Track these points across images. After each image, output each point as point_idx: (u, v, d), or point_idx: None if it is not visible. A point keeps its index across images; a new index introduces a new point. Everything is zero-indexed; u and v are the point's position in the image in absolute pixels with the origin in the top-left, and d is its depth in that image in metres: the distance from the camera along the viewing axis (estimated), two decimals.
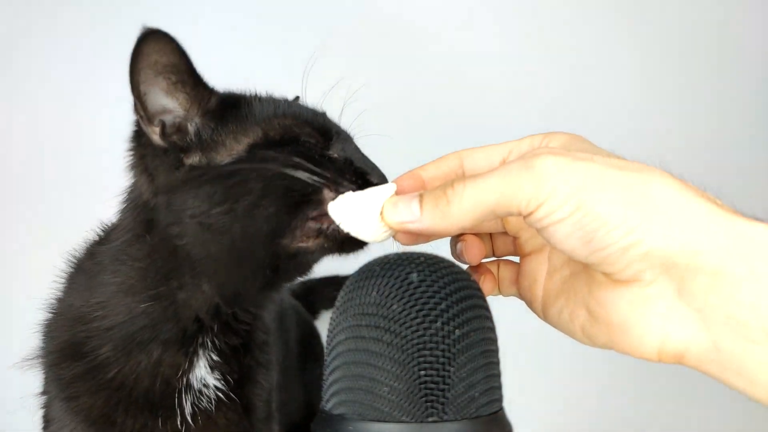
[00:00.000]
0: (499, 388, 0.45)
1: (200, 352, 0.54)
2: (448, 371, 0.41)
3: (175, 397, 0.54)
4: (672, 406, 1.02)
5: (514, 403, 0.49)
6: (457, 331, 0.41)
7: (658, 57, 1.07)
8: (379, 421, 0.41)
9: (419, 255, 0.46)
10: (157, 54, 0.48)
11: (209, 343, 0.54)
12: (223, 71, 0.53)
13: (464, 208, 0.38)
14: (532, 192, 0.35)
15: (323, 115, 0.55)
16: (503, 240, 0.48)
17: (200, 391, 0.55)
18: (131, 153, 0.54)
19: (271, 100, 0.54)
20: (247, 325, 0.57)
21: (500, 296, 0.51)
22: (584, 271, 0.40)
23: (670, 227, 0.34)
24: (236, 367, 0.57)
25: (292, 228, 0.48)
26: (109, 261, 0.55)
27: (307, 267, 0.54)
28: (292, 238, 0.48)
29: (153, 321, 0.53)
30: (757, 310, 0.33)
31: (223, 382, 0.55)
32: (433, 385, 0.40)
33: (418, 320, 0.41)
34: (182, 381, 0.54)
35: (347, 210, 0.44)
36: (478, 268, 0.47)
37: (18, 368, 0.58)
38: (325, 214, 0.47)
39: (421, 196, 0.40)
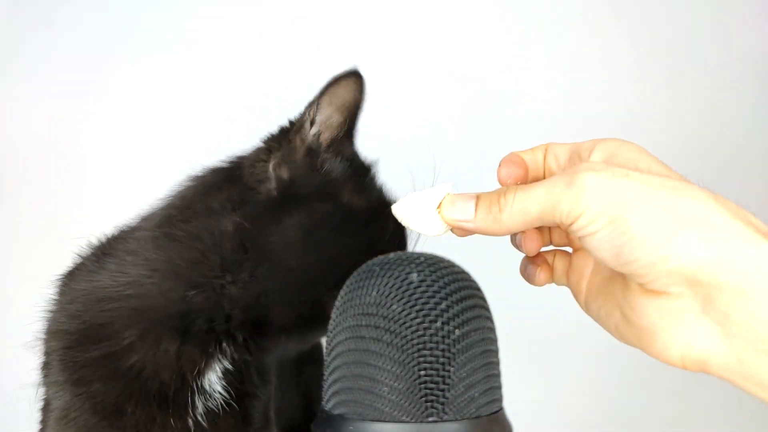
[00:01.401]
0: (499, 388, 0.45)
1: (219, 356, 0.55)
2: (448, 371, 0.41)
3: (188, 395, 0.54)
4: (672, 406, 1.02)
5: (514, 403, 0.49)
6: (457, 331, 0.41)
7: (659, 56, 1.07)
8: (379, 421, 0.41)
9: (419, 255, 0.46)
10: (344, 89, 0.55)
11: (228, 351, 0.55)
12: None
13: (513, 215, 0.41)
14: (570, 206, 0.38)
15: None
16: (559, 232, 0.50)
17: (210, 395, 0.55)
18: (270, 138, 0.58)
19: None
20: (260, 351, 0.57)
21: (501, 293, 0.52)
22: (620, 276, 0.42)
23: (696, 245, 0.35)
24: (241, 380, 0.57)
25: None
26: (152, 241, 0.54)
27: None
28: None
29: (191, 310, 0.53)
30: None
31: (228, 389, 0.56)
32: (433, 385, 0.40)
33: (418, 320, 0.41)
34: (197, 381, 0.54)
35: (409, 208, 0.47)
36: (535, 258, 0.49)
37: (23, 349, 0.58)
38: None
39: (477, 197, 0.43)
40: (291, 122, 0.58)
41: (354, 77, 0.55)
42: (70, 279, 0.59)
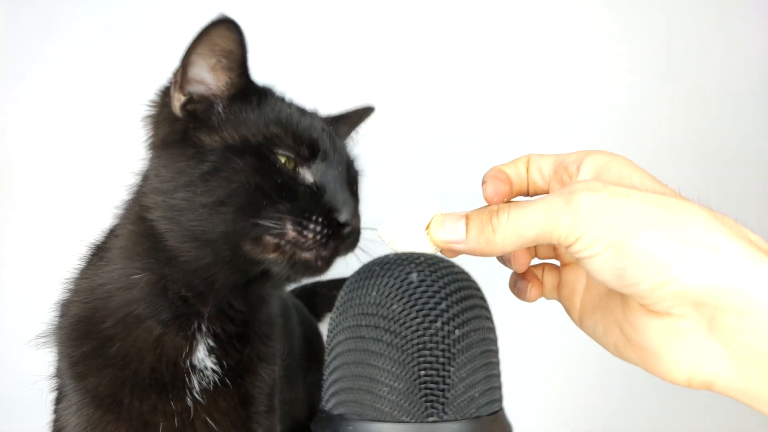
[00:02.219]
0: (499, 388, 0.45)
1: (198, 336, 0.55)
2: (448, 371, 0.41)
3: (184, 377, 0.55)
4: (672, 407, 1.02)
5: (514, 403, 0.49)
6: (457, 331, 0.41)
7: (659, 57, 1.07)
8: (379, 421, 0.41)
9: (419, 255, 0.46)
10: (220, 38, 0.51)
11: (205, 329, 0.55)
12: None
13: (507, 236, 0.40)
14: (569, 228, 0.37)
15: (322, 132, 0.55)
16: (545, 246, 0.49)
17: (203, 372, 0.56)
18: (151, 104, 0.56)
19: (283, 108, 0.55)
20: (243, 315, 0.57)
21: (501, 294, 0.51)
22: (620, 294, 0.41)
23: (700, 267, 0.35)
24: (234, 353, 0.57)
25: (252, 238, 0.49)
26: (117, 224, 0.57)
27: (279, 282, 0.56)
28: (253, 245, 0.49)
29: (146, 294, 0.54)
30: None
31: (219, 366, 0.56)
32: (433, 385, 0.40)
33: (418, 320, 0.41)
34: (186, 362, 0.55)
35: (395, 229, 0.45)
36: (525, 274, 0.48)
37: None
38: (284, 235, 0.48)
39: (467, 217, 0.42)
40: (165, 87, 0.56)
41: (221, 26, 0.51)
42: (72, 279, 0.60)
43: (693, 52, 1.07)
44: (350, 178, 0.57)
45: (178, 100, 0.53)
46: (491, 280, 0.50)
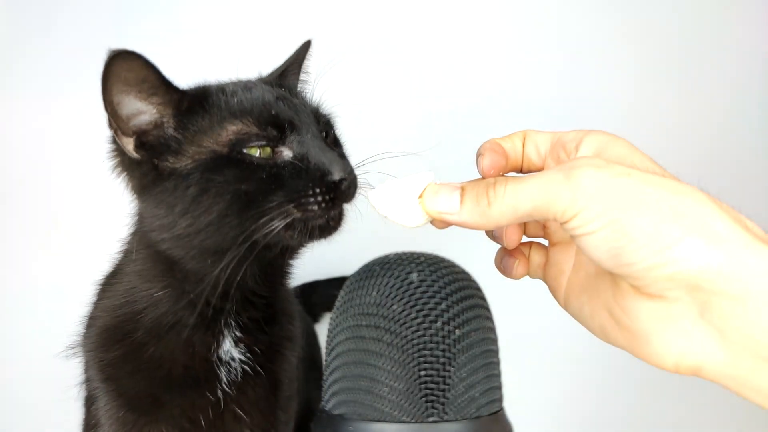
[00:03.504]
0: (499, 388, 0.45)
1: (225, 331, 0.56)
2: (449, 371, 0.41)
3: (215, 371, 0.56)
4: (672, 407, 1.02)
5: (514, 403, 0.49)
6: (457, 331, 0.41)
7: (659, 56, 1.07)
8: (379, 421, 0.41)
9: (419, 255, 0.46)
10: (126, 71, 0.50)
11: (232, 322, 0.57)
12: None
13: (503, 210, 0.39)
14: (568, 203, 0.36)
15: (281, 102, 0.54)
16: (535, 223, 0.48)
17: (229, 364, 0.57)
18: (113, 157, 0.56)
19: (229, 98, 0.54)
20: (266, 299, 0.58)
21: (501, 293, 0.51)
22: (608, 275, 0.40)
23: (699, 251, 0.35)
24: (263, 338, 0.58)
25: (261, 231, 0.49)
26: (132, 249, 0.57)
27: (298, 251, 0.56)
28: (266, 235, 0.49)
29: (171, 307, 0.55)
30: None
31: (248, 355, 0.57)
32: (433, 386, 0.40)
33: (419, 320, 0.41)
34: (214, 356, 0.56)
35: (387, 197, 0.45)
36: (512, 251, 0.47)
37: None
38: (291, 217, 0.48)
39: (462, 188, 0.41)
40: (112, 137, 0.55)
41: (120, 60, 0.50)
42: (97, 292, 0.62)
43: (692, 52, 1.07)
44: (324, 129, 0.56)
45: (129, 144, 0.52)
46: (491, 281, 0.50)
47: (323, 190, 0.49)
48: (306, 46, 0.63)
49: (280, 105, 0.54)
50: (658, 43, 1.07)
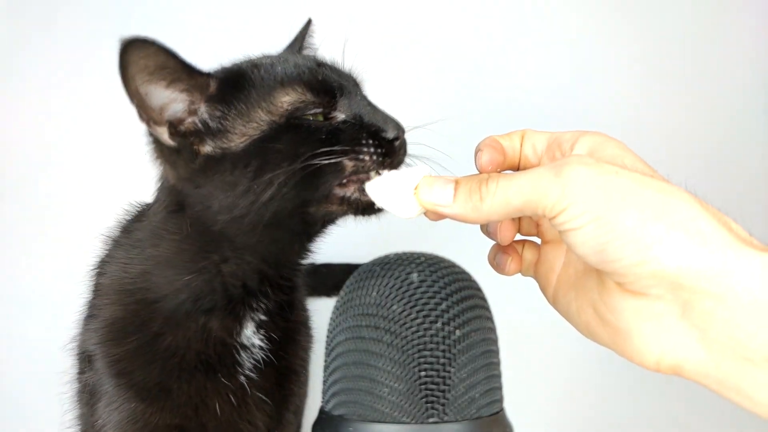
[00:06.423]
0: (499, 388, 0.45)
1: (250, 314, 0.56)
2: (449, 372, 0.41)
3: (234, 354, 0.56)
4: (672, 407, 1.02)
5: (514, 403, 0.49)
6: (457, 331, 0.41)
7: (659, 56, 1.07)
8: (379, 422, 0.41)
9: (420, 255, 0.46)
10: (144, 59, 0.48)
11: (262, 305, 0.57)
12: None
13: (495, 205, 0.40)
14: (556, 198, 0.37)
15: (323, 69, 0.54)
16: (528, 221, 0.49)
17: (250, 350, 0.57)
18: (151, 147, 0.55)
19: (269, 70, 0.54)
20: (291, 282, 0.59)
21: (501, 293, 0.51)
22: (595, 272, 0.41)
23: (682, 250, 0.35)
24: (281, 323, 0.58)
25: (317, 200, 0.50)
26: (149, 235, 0.56)
27: (332, 222, 0.56)
28: (318, 206, 0.50)
29: (195, 293, 0.54)
30: (758, 337, 0.34)
31: (267, 341, 0.57)
32: (433, 386, 0.40)
33: (419, 321, 0.41)
34: (235, 340, 0.56)
35: (383, 187, 0.46)
36: (506, 247, 0.49)
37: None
38: (348, 179, 0.49)
39: (457, 182, 0.42)
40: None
41: (134, 48, 0.48)
42: (95, 272, 0.61)
43: (696, 53, 1.07)
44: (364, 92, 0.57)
45: (163, 133, 0.52)
46: (491, 281, 0.50)
47: (376, 143, 0.50)
48: (308, 25, 0.64)
49: (324, 71, 0.54)
50: (663, 45, 1.07)
